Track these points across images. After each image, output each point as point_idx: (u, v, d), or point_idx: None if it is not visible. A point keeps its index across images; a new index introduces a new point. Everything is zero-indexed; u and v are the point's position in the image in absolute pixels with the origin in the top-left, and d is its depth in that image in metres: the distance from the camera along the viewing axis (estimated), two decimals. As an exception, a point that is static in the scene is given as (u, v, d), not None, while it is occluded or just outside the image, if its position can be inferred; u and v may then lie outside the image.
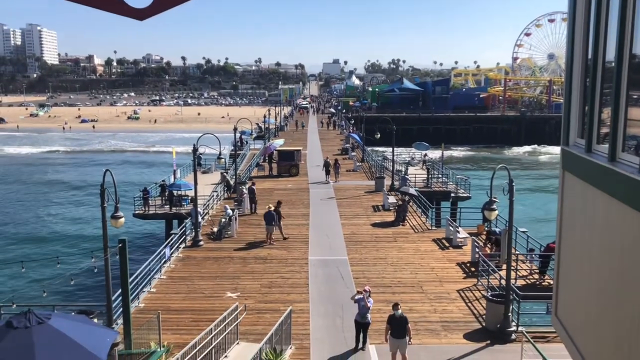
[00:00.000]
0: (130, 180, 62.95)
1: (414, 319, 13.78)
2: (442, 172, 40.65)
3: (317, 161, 45.14)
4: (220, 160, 27.08)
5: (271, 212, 23.18)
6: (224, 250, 21.78)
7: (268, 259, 20.61)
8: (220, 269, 19.61)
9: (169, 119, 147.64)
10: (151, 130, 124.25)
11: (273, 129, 71.74)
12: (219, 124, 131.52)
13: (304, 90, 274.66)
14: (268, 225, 22.87)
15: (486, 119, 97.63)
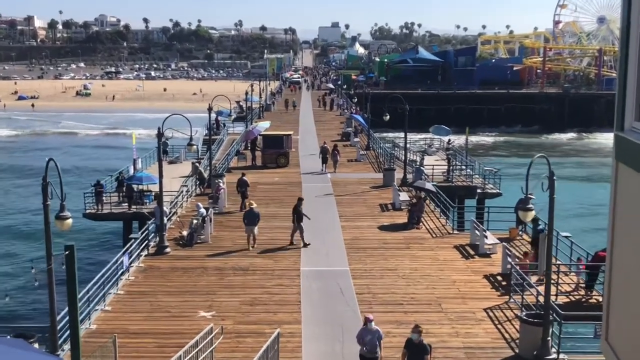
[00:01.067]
0: (80, 171, 62.78)
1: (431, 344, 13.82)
2: (466, 162, 40.69)
3: (311, 149, 45.12)
4: (191, 148, 26.90)
5: (253, 210, 23.32)
6: (196, 259, 21.78)
7: (250, 270, 20.63)
8: (191, 282, 19.62)
9: (127, 95, 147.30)
10: (106, 109, 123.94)
11: (257, 109, 71.65)
12: (189, 103, 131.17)
13: (296, 60, 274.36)
14: (249, 226, 22.97)
15: (521, 97, 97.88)
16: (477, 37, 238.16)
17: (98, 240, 39.67)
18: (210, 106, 33.70)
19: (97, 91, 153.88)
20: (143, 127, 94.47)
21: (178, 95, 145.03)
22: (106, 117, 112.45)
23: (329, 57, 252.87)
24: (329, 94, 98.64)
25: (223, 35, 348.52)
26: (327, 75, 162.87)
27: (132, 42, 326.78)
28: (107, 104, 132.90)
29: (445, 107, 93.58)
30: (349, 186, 33.77)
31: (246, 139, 42.85)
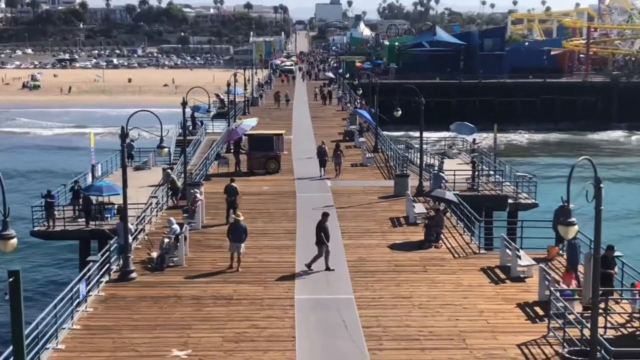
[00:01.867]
0: (28, 179, 62.70)
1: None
2: (494, 167, 40.72)
3: (307, 151, 45.22)
4: (161, 151, 26.92)
5: (240, 223, 23.44)
6: (168, 286, 21.75)
7: (234, 299, 20.60)
8: (162, 314, 19.58)
9: (84, 87, 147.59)
10: (58, 104, 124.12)
11: (241, 104, 71.76)
12: (159, 96, 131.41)
13: (288, 44, 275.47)
14: (234, 243, 23.04)
15: (560, 87, 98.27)
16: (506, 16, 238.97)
17: (49, 264, 39.62)
18: (185, 100, 33.68)
19: (48, 82, 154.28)
20: (103, 125, 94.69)
21: (146, 87, 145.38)
22: (59, 113, 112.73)
23: (328, 41, 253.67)
24: (328, 84, 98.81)
25: (200, 15, 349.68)
26: (326, 62, 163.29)
27: (89, 24, 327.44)
28: (61, 98, 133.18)
29: (469, 100, 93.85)
30: (354, 196, 33.79)
31: (228, 139, 42.83)
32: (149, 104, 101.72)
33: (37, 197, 33.24)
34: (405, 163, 39.78)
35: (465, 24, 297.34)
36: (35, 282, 36.25)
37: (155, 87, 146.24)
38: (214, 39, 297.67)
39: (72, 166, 64.59)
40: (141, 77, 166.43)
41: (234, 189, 29.52)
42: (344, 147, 44.85)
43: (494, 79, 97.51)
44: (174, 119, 56.93)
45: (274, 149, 39.79)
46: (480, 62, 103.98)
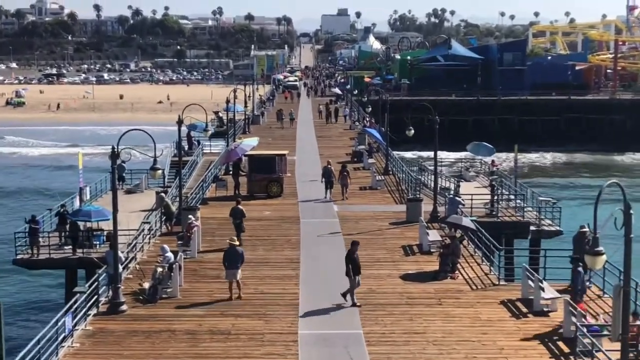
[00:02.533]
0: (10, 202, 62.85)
1: None
2: (515, 191, 40.64)
3: (312, 173, 45.28)
4: (155, 173, 27.00)
5: (236, 248, 23.55)
6: (161, 320, 21.69)
7: (232, 334, 20.52)
8: (154, 350, 19.51)
9: (72, 104, 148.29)
10: (44, 122, 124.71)
11: (241, 122, 71.99)
12: (153, 114, 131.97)
13: (292, 58, 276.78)
14: (231, 270, 23.09)
15: (586, 105, 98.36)
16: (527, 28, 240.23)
17: (33, 295, 39.56)
18: (181, 118, 33.80)
19: (34, 99, 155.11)
20: (92, 145, 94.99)
21: (138, 105, 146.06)
22: (46, 132, 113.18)
23: (334, 54, 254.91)
24: (334, 101, 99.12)
25: (197, 27, 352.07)
26: (333, 77, 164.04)
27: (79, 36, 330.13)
28: (48, 116, 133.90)
29: (487, 119, 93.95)
30: (362, 222, 33.74)
31: (227, 160, 42.93)
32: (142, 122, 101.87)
33: (20, 221, 33.27)
34: (418, 186, 39.76)
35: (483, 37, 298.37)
36: (18, 314, 36.18)
37: (149, 104, 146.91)
38: (213, 53, 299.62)
39: (59, 188, 64.80)
40: (134, 93, 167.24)
41: (240, 212, 29.66)
42: (352, 168, 44.98)
43: (514, 96, 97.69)
44: (168, 139, 57.09)
45: (276, 171, 39.79)
46: (499, 78, 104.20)
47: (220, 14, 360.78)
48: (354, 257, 23.08)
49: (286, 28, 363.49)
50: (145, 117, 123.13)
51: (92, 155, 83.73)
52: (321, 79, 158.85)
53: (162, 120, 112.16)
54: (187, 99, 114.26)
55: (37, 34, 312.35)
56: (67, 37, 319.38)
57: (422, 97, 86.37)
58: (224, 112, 69.39)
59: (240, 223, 29.43)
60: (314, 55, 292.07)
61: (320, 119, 79.99)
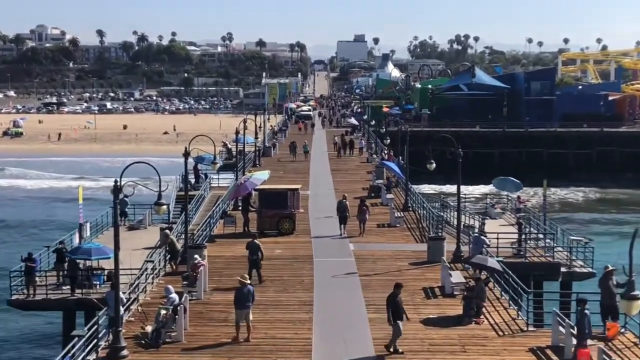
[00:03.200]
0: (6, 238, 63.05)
1: None
2: (544, 229, 40.38)
3: (326, 209, 45.30)
4: (159, 208, 27.00)
5: (248, 287, 23.61)
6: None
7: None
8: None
9: (73, 135, 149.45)
10: (44, 153, 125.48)
11: (251, 154, 72.20)
12: (159, 145, 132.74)
13: (305, 87, 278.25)
14: (241, 310, 23.07)
15: (620, 137, 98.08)
16: (556, 55, 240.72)
17: (28, 338, 39.48)
18: (187, 150, 33.96)
19: (32, 129, 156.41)
20: (94, 178, 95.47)
21: (143, 135, 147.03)
22: (45, 163, 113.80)
23: (351, 83, 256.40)
24: (350, 132, 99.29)
25: (206, 54, 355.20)
26: (349, 106, 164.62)
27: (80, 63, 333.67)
28: (47, 147, 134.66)
29: (514, 152, 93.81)
30: (380, 262, 33.58)
31: (236, 195, 43.00)
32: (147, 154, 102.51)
33: (17, 256, 33.28)
34: (440, 224, 39.58)
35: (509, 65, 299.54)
36: (14, 358, 36.12)
37: (154, 135, 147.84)
38: (222, 81, 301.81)
39: (57, 223, 65.04)
40: (138, 123, 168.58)
41: (257, 247, 29.76)
42: (369, 204, 44.81)
43: (542, 128, 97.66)
44: (174, 171, 57.35)
45: (289, 207, 39.75)
46: (526, 108, 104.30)
47: (230, 39, 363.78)
48: (396, 300, 22.86)
49: (300, 55, 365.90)
50: (150, 148, 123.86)
51: (94, 189, 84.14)
52: (336, 108, 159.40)
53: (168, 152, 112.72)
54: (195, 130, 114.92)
55: (36, 60, 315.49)
56: (69, 64, 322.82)
57: (444, 128, 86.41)
58: (233, 143, 69.75)
59: (256, 259, 29.61)
60: (329, 83, 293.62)
61: (335, 150, 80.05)
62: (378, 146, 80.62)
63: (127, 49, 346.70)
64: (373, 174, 59.59)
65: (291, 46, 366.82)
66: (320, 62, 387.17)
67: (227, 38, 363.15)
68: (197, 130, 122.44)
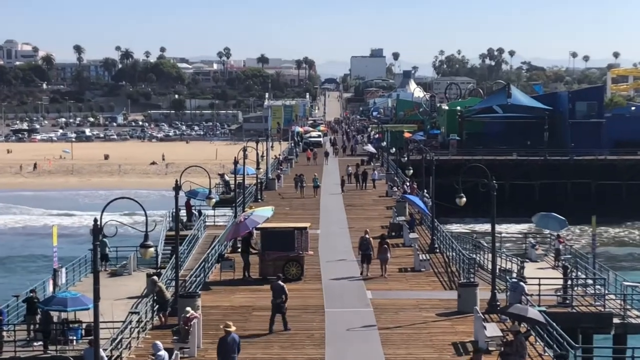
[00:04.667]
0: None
1: None
2: (593, 274, 40.18)
3: (340, 250, 45.43)
4: (146, 251, 26.95)
5: (232, 336, 23.96)
6: None
7: None
8: None
9: (47, 166, 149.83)
10: (13, 188, 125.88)
11: (252, 187, 72.23)
12: (145, 177, 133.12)
13: (315, 109, 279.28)
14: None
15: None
16: (605, 72, 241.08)
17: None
18: (179, 183, 34.00)
19: (0, 160, 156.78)
20: (70, 216, 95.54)
21: (127, 166, 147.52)
22: (14, 198, 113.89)
23: (367, 104, 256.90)
24: (367, 161, 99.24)
25: (200, 72, 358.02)
26: (365, 132, 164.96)
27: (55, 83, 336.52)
28: (17, 181, 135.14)
29: (558, 183, 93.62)
30: (403, 313, 33.50)
31: (235, 235, 42.90)
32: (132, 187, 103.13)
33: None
34: (472, 268, 39.42)
35: (550, 83, 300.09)
36: None
37: (140, 166, 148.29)
38: (218, 103, 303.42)
39: (28, 269, 65.03)
40: (122, 152, 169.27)
41: (281, 288, 30.01)
42: (392, 243, 44.71)
43: (590, 155, 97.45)
44: (163, 208, 57.45)
45: (296, 248, 39.65)
46: (571, 133, 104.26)
47: (227, 56, 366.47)
48: None
49: (307, 72, 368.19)
50: (136, 181, 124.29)
51: (70, 229, 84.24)
52: (351, 134, 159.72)
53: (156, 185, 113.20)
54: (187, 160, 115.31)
55: (5, 80, 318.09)
56: (42, 84, 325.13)
57: (475, 156, 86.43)
58: (231, 175, 69.77)
59: (281, 303, 29.89)
60: (342, 105, 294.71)
61: (350, 183, 79.93)
62: (399, 178, 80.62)
63: (109, 67, 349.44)
64: (393, 210, 59.48)
65: (298, 63, 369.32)
66: (331, 81, 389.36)
67: (224, 54, 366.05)
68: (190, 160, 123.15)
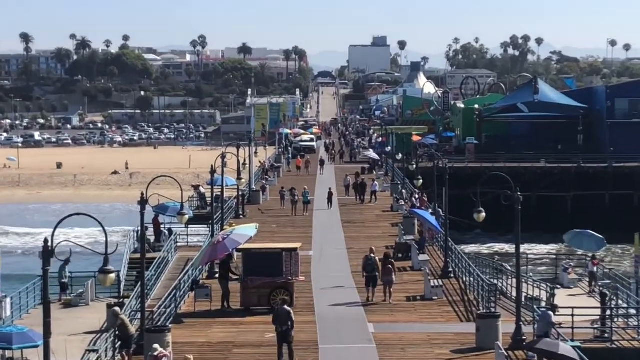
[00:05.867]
0: None
1: None
2: (637, 302, 40.18)
3: (335, 275, 45.51)
4: (106, 277, 26.93)
5: None
6: None
7: None
8: None
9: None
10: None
11: (233, 201, 72.14)
12: (106, 189, 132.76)
13: (307, 107, 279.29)
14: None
15: None
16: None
17: None
18: (145, 196, 33.96)
19: None
20: (16, 236, 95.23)
21: (84, 176, 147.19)
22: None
23: (368, 102, 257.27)
24: (369, 169, 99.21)
25: (170, 64, 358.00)
26: (366, 134, 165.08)
27: (1, 79, 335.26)
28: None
29: (594, 195, 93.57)
30: (412, 350, 33.57)
31: (211, 258, 42.84)
32: (90, 201, 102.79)
33: None
34: (493, 296, 39.43)
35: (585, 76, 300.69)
36: None
37: (100, 176, 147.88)
38: (192, 101, 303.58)
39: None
40: (78, 160, 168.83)
41: (287, 314, 30.23)
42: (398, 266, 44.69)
43: (632, 162, 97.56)
44: (126, 223, 57.31)
45: (284, 273, 39.61)
46: (610, 136, 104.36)
47: (202, 45, 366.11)
48: None
49: (298, 65, 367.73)
50: (94, 194, 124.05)
51: (14, 252, 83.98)
52: (349, 137, 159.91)
53: (118, 198, 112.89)
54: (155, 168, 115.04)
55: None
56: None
57: (496, 163, 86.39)
58: (208, 186, 69.72)
59: (287, 331, 30.09)
60: (339, 102, 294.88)
61: (348, 195, 79.94)
62: (407, 189, 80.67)
63: (62, 58, 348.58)
64: (400, 228, 59.54)
65: (286, 53, 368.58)
66: (326, 75, 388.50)
67: (199, 43, 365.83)
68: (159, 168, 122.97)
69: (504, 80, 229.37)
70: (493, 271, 47.97)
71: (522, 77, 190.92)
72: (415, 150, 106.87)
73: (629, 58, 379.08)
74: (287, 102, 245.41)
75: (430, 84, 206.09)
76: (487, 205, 41.62)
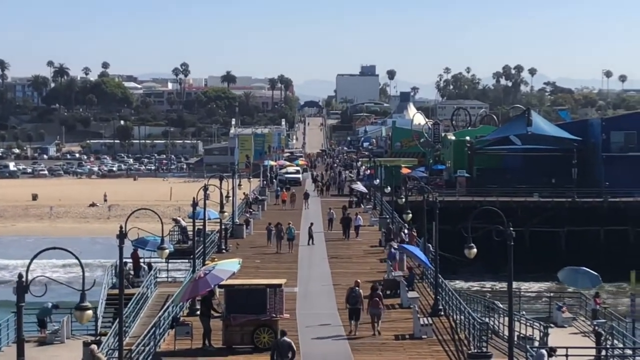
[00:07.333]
0: None
1: None
2: (633, 342, 40.21)
3: (321, 313, 45.50)
4: (83, 314, 26.87)
5: None
6: None
7: None
8: None
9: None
10: None
11: (215, 235, 71.98)
12: (83, 222, 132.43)
13: (293, 138, 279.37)
14: None
15: None
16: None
17: None
18: (124, 230, 33.89)
19: None
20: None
21: (61, 209, 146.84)
22: None
23: (356, 133, 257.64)
24: (356, 202, 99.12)
25: (151, 92, 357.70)
26: (354, 166, 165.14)
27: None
28: None
29: (589, 230, 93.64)
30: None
31: (192, 295, 42.76)
32: (66, 235, 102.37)
33: None
34: (485, 335, 39.39)
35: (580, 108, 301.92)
36: None
37: (76, 208, 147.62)
38: (173, 131, 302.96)
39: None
40: (54, 191, 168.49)
41: (288, 346, 30.34)
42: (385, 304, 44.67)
43: (628, 197, 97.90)
44: (104, 256, 57.09)
45: (268, 310, 39.57)
46: (605, 169, 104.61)
47: (185, 73, 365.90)
48: None
49: (284, 94, 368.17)
50: (71, 227, 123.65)
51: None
52: (336, 169, 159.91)
53: (96, 232, 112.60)
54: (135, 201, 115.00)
55: None
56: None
57: (488, 197, 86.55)
58: (189, 220, 69.59)
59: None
60: (326, 134, 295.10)
61: (331, 230, 79.79)
62: (396, 225, 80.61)
63: (39, 86, 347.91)
64: (388, 264, 59.52)
65: (272, 82, 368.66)
66: (312, 104, 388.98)
67: (182, 71, 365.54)
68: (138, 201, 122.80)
69: (496, 111, 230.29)
70: (484, 309, 47.95)
71: (515, 108, 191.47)
72: (405, 183, 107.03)
73: (625, 89, 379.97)
74: (272, 133, 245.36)
75: (420, 115, 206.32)
76: (479, 240, 41.64)
